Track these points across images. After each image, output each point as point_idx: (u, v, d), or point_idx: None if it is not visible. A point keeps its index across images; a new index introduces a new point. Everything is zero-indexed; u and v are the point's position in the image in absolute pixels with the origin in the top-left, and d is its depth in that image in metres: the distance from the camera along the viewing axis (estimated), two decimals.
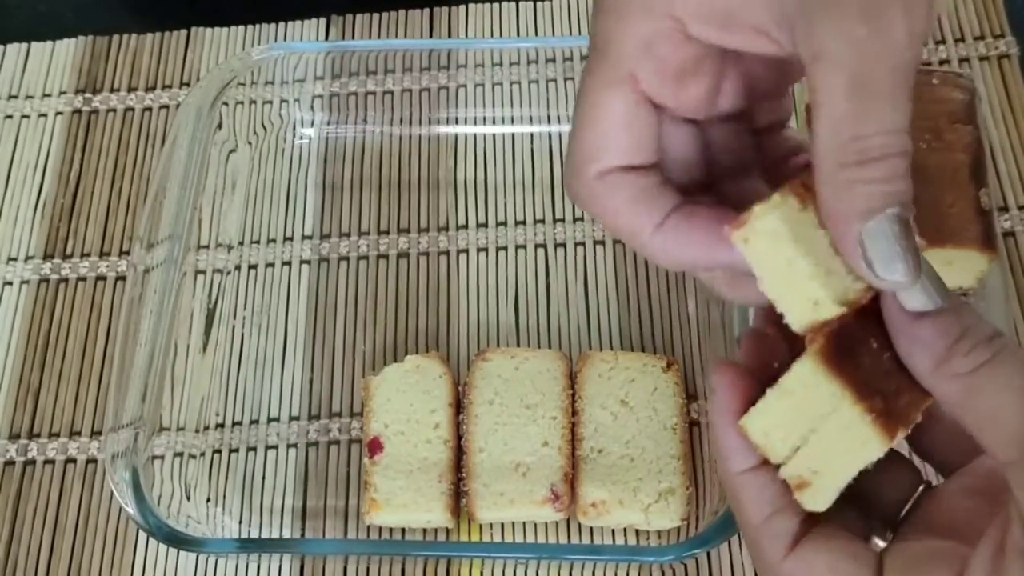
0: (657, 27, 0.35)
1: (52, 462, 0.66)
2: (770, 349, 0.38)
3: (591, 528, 0.61)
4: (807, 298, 0.34)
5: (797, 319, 0.35)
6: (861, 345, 0.35)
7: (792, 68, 0.37)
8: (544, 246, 0.71)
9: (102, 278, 0.72)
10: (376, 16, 0.80)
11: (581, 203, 0.38)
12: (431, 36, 0.79)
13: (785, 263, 0.34)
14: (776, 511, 0.37)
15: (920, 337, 0.34)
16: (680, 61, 0.36)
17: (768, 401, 0.36)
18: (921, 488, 0.39)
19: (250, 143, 0.72)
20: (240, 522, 0.63)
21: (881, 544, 0.38)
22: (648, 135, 0.37)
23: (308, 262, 0.71)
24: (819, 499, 0.36)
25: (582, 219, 0.71)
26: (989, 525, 0.34)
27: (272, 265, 0.71)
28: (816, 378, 0.34)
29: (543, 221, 0.71)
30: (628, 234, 0.37)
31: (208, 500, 0.63)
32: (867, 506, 0.39)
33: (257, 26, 0.80)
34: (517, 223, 0.72)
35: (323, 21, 0.80)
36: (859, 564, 0.36)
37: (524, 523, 0.62)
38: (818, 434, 0.35)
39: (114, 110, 0.78)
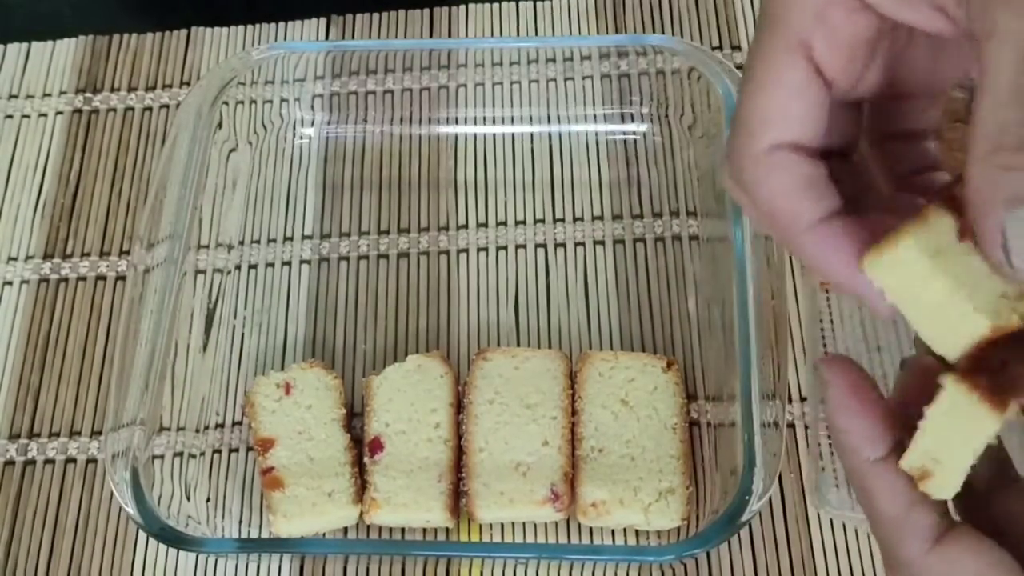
0: None
1: (52, 462, 0.66)
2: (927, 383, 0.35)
3: (591, 528, 0.61)
4: (957, 327, 0.32)
5: (950, 350, 0.33)
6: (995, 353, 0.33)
7: (955, 65, 0.36)
8: (544, 246, 0.71)
9: (102, 278, 0.72)
10: (376, 16, 0.80)
11: (743, 177, 0.35)
12: (431, 36, 0.79)
13: (929, 295, 0.32)
14: (914, 503, 0.35)
15: None
16: (853, 34, 0.34)
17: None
18: None
19: (250, 143, 0.72)
20: (240, 522, 0.63)
21: None
22: (820, 109, 0.35)
23: (308, 262, 0.71)
24: (946, 486, 0.34)
25: (582, 219, 0.71)
26: None
27: (272, 265, 0.71)
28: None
29: (543, 221, 0.71)
30: (784, 220, 0.35)
31: (208, 500, 0.63)
32: None
33: (257, 26, 0.80)
34: (517, 223, 0.72)
35: (323, 21, 0.80)
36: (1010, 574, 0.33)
37: (524, 523, 0.62)
38: (929, 421, 0.33)
39: (114, 110, 0.78)
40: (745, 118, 0.35)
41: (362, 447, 0.62)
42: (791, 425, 0.64)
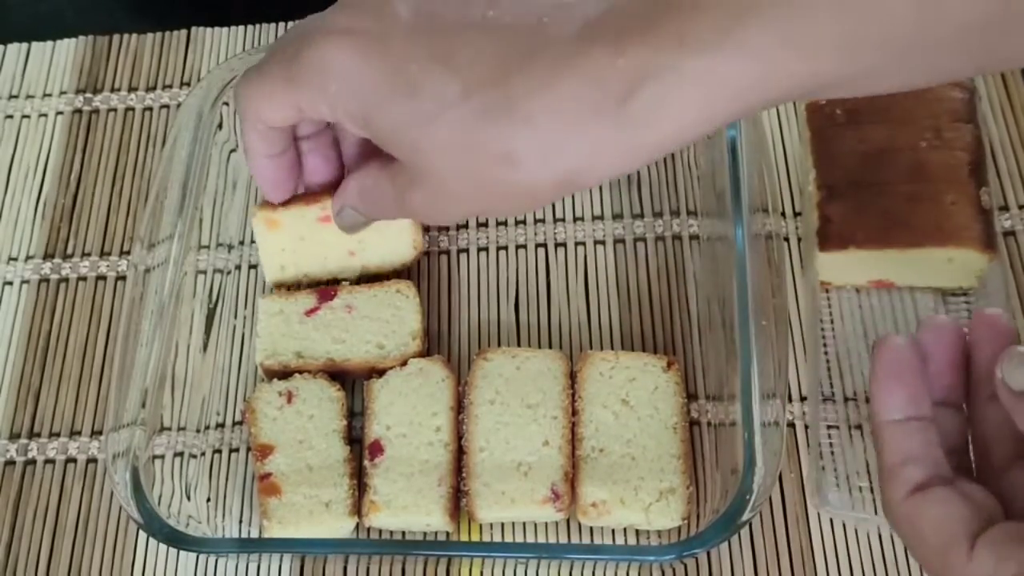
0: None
1: (52, 462, 0.66)
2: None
3: (591, 528, 0.61)
4: None
5: None
6: None
7: None
8: (544, 246, 0.71)
9: (102, 278, 0.72)
10: None
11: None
12: None
13: None
14: (908, 460, 0.42)
15: None
16: None
17: None
18: None
19: None
20: (240, 522, 0.63)
21: None
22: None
23: None
24: None
25: (582, 219, 0.71)
26: None
27: None
28: None
29: (543, 221, 0.71)
30: None
31: (208, 500, 0.63)
32: None
33: (257, 26, 0.80)
34: (517, 223, 0.71)
35: None
36: (961, 526, 0.40)
37: (524, 523, 0.62)
38: None
39: (114, 110, 0.78)
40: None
41: (362, 450, 0.62)
42: (791, 424, 0.64)
